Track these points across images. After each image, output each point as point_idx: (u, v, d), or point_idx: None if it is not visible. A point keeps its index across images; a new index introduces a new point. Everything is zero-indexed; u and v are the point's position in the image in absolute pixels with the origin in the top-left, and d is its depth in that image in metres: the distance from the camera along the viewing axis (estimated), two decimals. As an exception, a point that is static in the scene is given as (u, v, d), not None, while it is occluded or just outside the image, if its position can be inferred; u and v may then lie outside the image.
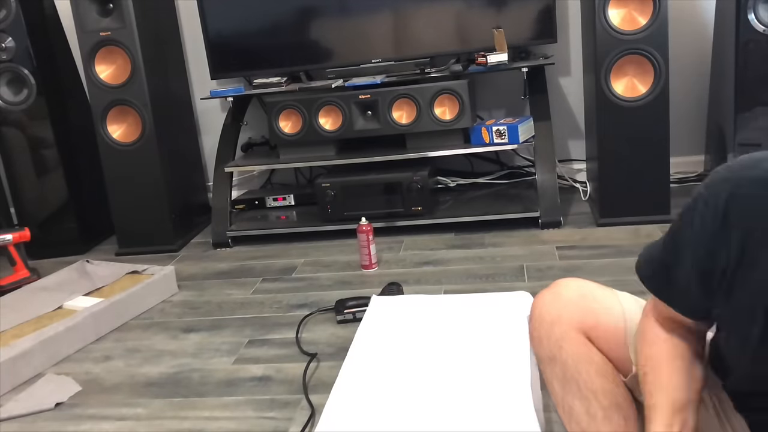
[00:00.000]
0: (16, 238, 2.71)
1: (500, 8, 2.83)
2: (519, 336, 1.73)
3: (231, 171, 3.03)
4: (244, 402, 1.74)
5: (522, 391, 1.50)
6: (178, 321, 2.28)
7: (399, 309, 1.95)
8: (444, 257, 2.54)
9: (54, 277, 2.59)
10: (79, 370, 2.02)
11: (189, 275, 2.68)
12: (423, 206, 2.79)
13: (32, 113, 2.94)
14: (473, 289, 2.19)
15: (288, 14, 2.98)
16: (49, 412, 1.81)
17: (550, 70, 3.00)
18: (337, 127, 2.85)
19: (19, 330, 2.18)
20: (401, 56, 2.93)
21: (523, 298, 1.93)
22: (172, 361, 2.01)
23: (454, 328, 1.82)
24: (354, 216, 2.74)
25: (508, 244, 2.60)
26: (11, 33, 2.83)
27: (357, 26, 2.95)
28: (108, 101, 2.86)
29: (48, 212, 3.06)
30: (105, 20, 2.80)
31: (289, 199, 3.20)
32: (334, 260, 2.65)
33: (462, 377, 1.59)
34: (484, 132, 2.74)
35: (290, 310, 2.25)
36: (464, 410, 1.47)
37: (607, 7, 2.47)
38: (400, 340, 1.79)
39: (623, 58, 2.49)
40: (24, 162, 3.00)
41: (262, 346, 2.03)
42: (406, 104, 2.78)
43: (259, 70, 3.08)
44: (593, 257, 2.38)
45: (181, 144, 3.18)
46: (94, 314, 2.20)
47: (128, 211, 2.97)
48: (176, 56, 3.23)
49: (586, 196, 3.03)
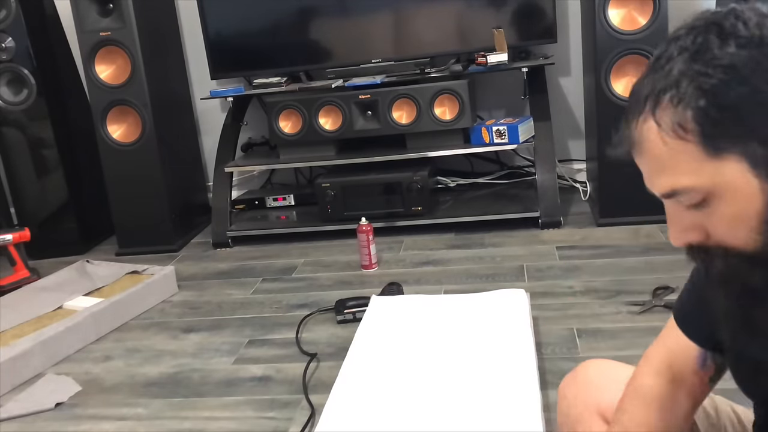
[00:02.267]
0: (16, 238, 2.71)
1: (500, 8, 2.83)
2: (519, 334, 1.73)
3: (231, 171, 3.03)
4: (244, 402, 1.74)
5: (529, 391, 1.50)
6: (178, 321, 2.28)
7: (399, 309, 1.95)
8: (444, 257, 2.54)
9: (54, 277, 2.59)
10: (79, 370, 2.02)
11: (189, 275, 2.68)
12: (423, 206, 2.79)
13: (32, 113, 2.94)
14: (473, 289, 2.19)
15: (288, 14, 2.98)
16: (49, 412, 1.81)
17: (550, 70, 3.00)
18: (337, 127, 2.85)
19: (19, 330, 2.18)
20: (401, 56, 2.92)
21: (519, 295, 1.94)
22: (172, 361, 2.01)
23: (453, 327, 1.82)
24: (354, 216, 2.74)
25: (508, 244, 2.60)
26: (11, 33, 2.83)
27: (357, 26, 2.95)
28: (108, 101, 2.86)
29: (48, 212, 3.06)
30: (105, 20, 2.80)
31: (289, 199, 3.19)
32: (334, 260, 2.65)
33: (463, 376, 1.59)
34: (484, 132, 2.74)
35: (290, 310, 2.25)
36: (465, 410, 1.47)
37: (607, 7, 2.47)
38: (400, 340, 1.79)
39: (623, 58, 2.49)
40: (24, 162, 3.00)
41: (262, 346, 2.03)
42: (406, 104, 2.78)
43: (259, 70, 3.08)
44: (593, 257, 2.38)
45: (181, 144, 3.18)
46: (94, 314, 2.20)
47: (128, 211, 2.97)
48: (176, 56, 3.23)
49: (586, 196, 3.03)
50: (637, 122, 0.66)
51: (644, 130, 0.65)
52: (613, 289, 2.11)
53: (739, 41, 0.61)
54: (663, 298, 1.99)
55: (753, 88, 0.60)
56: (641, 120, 0.65)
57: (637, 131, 0.66)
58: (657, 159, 0.65)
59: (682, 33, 0.65)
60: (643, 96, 0.65)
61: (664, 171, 0.65)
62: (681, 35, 0.65)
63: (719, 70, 0.61)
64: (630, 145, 0.68)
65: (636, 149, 0.68)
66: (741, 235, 0.64)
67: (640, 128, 0.66)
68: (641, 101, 0.65)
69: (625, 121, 0.68)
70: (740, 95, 0.60)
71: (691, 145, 0.62)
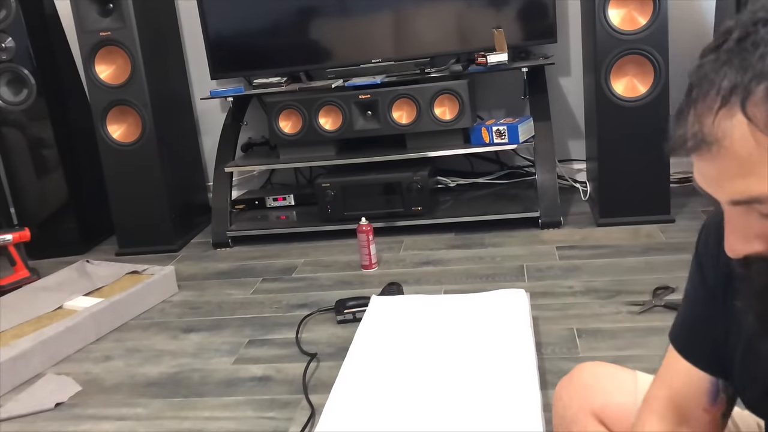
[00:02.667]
0: (16, 238, 2.71)
1: (500, 8, 2.83)
2: (519, 334, 1.73)
3: (231, 171, 3.03)
4: (244, 402, 1.74)
5: (529, 391, 1.50)
6: (178, 321, 2.28)
7: (399, 309, 1.95)
8: (444, 257, 2.54)
9: (54, 277, 2.59)
10: (79, 370, 2.02)
11: (189, 275, 2.68)
12: (423, 206, 2.79)
13: (32, 113, 2.94)
14: (473, 289, 2.19)
15: (288, 14, 2.98)
16: (49, 412, 1.81)
17: (550, 70, 3.00)
18: (337, 127, 2.85)
19: (19, 330, 2.18)
20: (401, 56, 2.92)
21: (519, 295, 1.94)
22: (172, 361, 2.01)
23: (453, 327, 1.82)
24: (354, 216, 2.74)
25: (508, 244, 2.60)
26: (11, 33, 2.83)
27: (357, 26, 2.95)
28: (108, 101, 2.86)
29: (48, 212, 3.06)
30: (105, 20, 2.80)
31: (289, 199, 3.19)
32: (334, 260, 2.65)
33: (463, 376, 1.59)
34: (484, 132, 2.74)
35: (290, 310, 2.25)
36: (465, 410, 1.47)
37: (607, 7, 2.47)
38: (400, 340, 1.79)
39: (623, 58, 2.49)
40: (24, 162, 3.00)
41: (262, 346, 2.03)
42: (406, 104, 2.78)
43: (259, 70, 3.08)
44: (593, 257, 2.38)
45: (181, 144, 3.18)
46: (94, 314, 2.20)
47: (128, 212, 2.97)
48: (176, 56, 3.23)
49: (586, 196, 3.03)
50: (716, 116, 0.56)
51: (729, 126, 0.55)
52: (613, 289, 2.11)
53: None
54: (663, 298, 1.99)
55: None
56: (723, 113, 0.56)
57: (715, 126, 0.56)
58: (741, 160, 0.56)
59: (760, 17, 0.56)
60: (726, 85, 0.55)
61: (749, 174, 0.56)
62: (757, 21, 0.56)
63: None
64: (698, 142, 0.58)
65: (707, 147, 0.58)
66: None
67: (720, 123, 0.56)
68: (723, 91, 0.55)
69: (689, 113, 0.59)
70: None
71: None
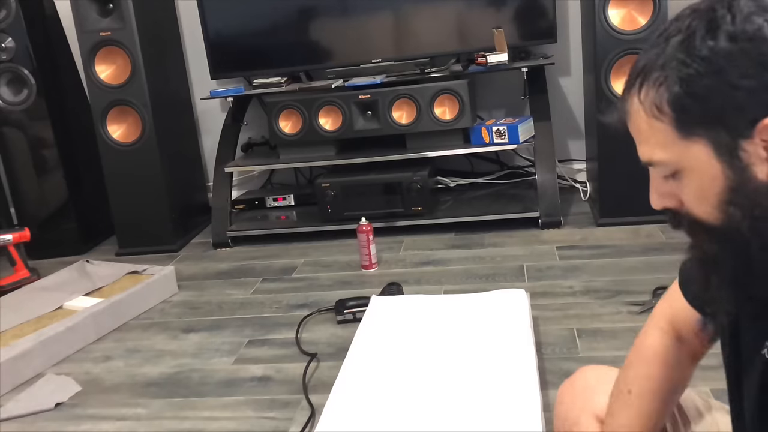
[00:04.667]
0: (16, 238, 2.71)
1: (500, 8, 2.83)
2: (519, 334, 1.73)
3: (231, 171, 3.03)
4: (244, 402, 1.74)
5: (529, 391, 1.50)
6: (178, 321, 2.28)
7: (399, 309, 1.95)
8: (444, 257, 2.54)
9: (54, 277, 2.59)
10: (79, 370, 2.02)
11: (189, 275, 2.68)
12: (423, 206, 2.79)
13: (32, 113, 2.94)
14: (473, 289, 2.19)
15: (288, 14, 2.98)
16: (49, 412, 1.81)
17: (550, 70, 3.00)
18: (337, 127, 2.85)
19: (19, 330, 2.18)
20: (401, 56, 2.92)
21: (519, 295, 1.94)
22: (172, 361, 2.01)
23: (453, 327, 1.82)
24: (354, 216, 2.74)
25: (508, 244, 2.60)
26: (11, 33, 2.83)
27: (357, 26, 2.95)
28: (108, 101, 2.86)
29: (48, 212, 3.06)
30: (105, 20, 2.80)
31: (289, 199, 3.19)
32: (334, 260, 2.65)
33: (463, 376, 1.59)
34: (484, 132, 2.74)
35: (290, 310, 2.25)
36: (465, 410, 1.47)
37: (607, 7, 2.47)
38: (400, 341, 1.79)
39: (623, 58, 2.49)
40: (24, 162, 3.00)
41: (262, 346, 2.03)
42: (406, 104, 2.78)
43: (259, 70, 3.08)
44: (593, 257, 2.38)
45: (181, 144, 3.18)
46: (94, 314, 2.20)
47: (128, 211, 2.96)
48: (176, 56, 3.23)
49: (586, 196, 3.03)
50: (629, 94, 0.71)
51: (632, 103, 0.71)
52: (613, 289, 2.11)
53: (723, 35, 0.64)
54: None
55: (724, 81, 0.63)
56: (632, 93, 0.70)
57: (627, 103, 0.72)
58: (639, 130, 0.71)
59: (686, 13, 0.68)
60: (638, 67, 0.70)
61: (644, 142, 0.71)
62: (684, 15, 0.68)
63: (697, 61, 0.64)
64: (622, 114, 0.74)
65: (625, 117, 0.74)
66: (705, 209, 0.69)
67: (630, 100, 0.71)
68: (635, 71, 0.70)
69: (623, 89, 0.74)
70: (711, 87, 0.64)
71: (665, 125, 0.68)
